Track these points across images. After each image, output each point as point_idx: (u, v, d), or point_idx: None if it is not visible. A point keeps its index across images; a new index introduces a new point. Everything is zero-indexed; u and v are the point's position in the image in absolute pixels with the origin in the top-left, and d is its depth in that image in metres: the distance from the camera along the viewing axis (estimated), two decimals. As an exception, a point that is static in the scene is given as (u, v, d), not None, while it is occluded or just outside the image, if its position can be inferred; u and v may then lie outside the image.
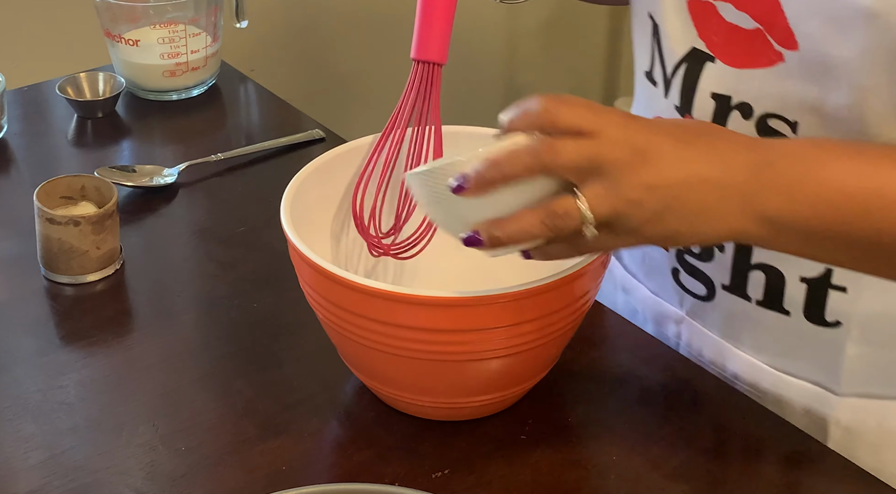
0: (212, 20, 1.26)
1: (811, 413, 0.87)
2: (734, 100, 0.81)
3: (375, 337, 0.76)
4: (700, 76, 0.83)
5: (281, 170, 1.14)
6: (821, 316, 0.84)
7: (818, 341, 0.85)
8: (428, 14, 0.84)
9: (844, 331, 0.84)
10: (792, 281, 0.84)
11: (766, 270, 0.84)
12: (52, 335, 0.93)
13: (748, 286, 0.86)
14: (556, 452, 0.82)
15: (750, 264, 0.85)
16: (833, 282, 0.82)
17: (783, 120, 0.79)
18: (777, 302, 0.85)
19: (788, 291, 0.84)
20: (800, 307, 0.84)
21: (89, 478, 0.79)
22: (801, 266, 0.83)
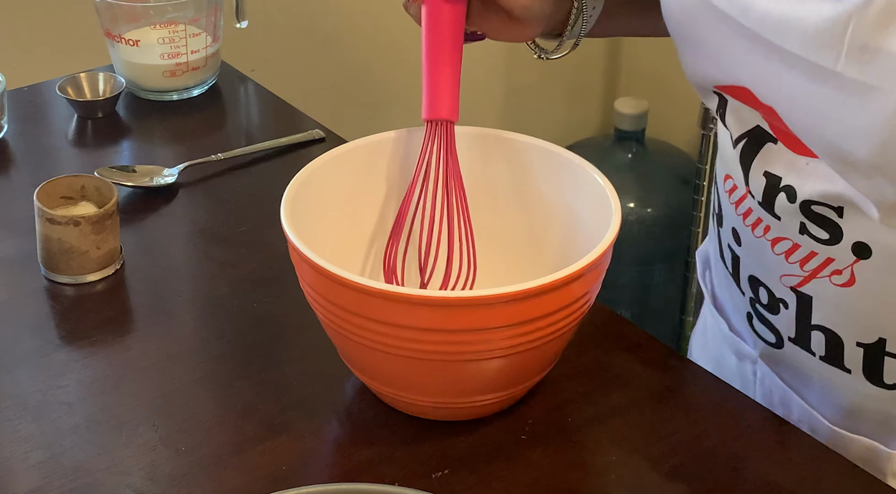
0: (212, 20, 1.26)
1: (867, 463, 0.87)
2: (783, 182, 0.82)
3: (375, 337, 0.76)
4: (758, 152, 0.84)
5: (281, 170, 1.14)
6: (880, 379, 0.84)
7: (878, 400, 0.85)
8: (435, 74, 0.84)
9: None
10: (849, 344, 0.84)
11: (825, 331, 0.85)
12: (52, 335, 0.93)
13: (811, 342, 0.87)
14: (556, 452, 0.82)
15: (811, 324, 0.86)
16: (888, 350, 0.83)
17: (828, 206, 0.80)
18: (838, 360, 0.86)
19: (847, 353, 0.85)
20: (859, 367, 0.85)
21: (89, 478, 0.79)
22: (857, 333, 0.83)
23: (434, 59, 0.85)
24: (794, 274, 0.84)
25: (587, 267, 0.76)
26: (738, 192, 0.87)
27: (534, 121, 2.11)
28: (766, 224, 0.85)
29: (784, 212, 0.83)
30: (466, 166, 0.91)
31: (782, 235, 0.84)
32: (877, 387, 0.85)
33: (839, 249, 0.80)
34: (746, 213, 0.87)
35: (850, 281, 0.81)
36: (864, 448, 0.87)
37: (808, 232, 0.82)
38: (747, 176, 0.85)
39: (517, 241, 0.91)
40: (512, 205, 0.91)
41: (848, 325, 0.83)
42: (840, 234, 0.80)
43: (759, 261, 0.87)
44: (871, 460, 0.87)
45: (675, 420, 0.85)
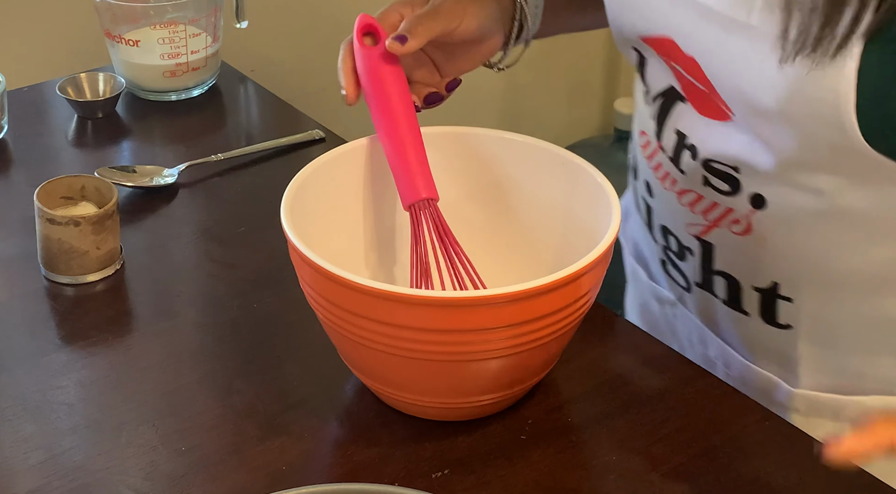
0: (212, 20, 1.26)
1: (773, 399, 0.93)
2: (688, 140, 0.89)
3: (375, 337, 0.76)
4: (671, 111, 0.90)
5: (281, 170, 1.14)
6: (774, 318, 0.91)
7: (775, 339, 0.92)
8: (402, 160, 0.85)
9: (795, 333, 0.90)
10: (746, 288, 0.91)
11: (725, 277, 0.92)
12: (52, 335, 0.93)
13: (714, 287, 0.93)
14: (556, 452, 0.82)
15: (713, 270, 0.92)
16: (780, 293, 0.89)
17: (724, 164, 0.86)
18: (738, 304, 0.92)
19: (745, 296, 0.91)
20: (756, 310, 0.91)
21: (89, 478, 0.79)
22: (753, 278, 0.90)
23: (394, 142, 0.85)
24: (697, 224, 0.91)
25: (587, 267, 0.76)
26: (650, 147, 0.94)
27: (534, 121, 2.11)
28: (673, 177, 0.91)
29: (688, 167, 0.89)
30: (466, 166, 0.91)
31: (687, 188, 0.90)
32: (773, 328, 0.91)
33: (738, 200, 0.87)
34: (657, 167, 0.93)
35: (746, 229, 0.87)
36: (770, 382, 0.94)
37: (710, 184, 0.88)
38: (661, 133, 0.91)
39: (517, 241, 0.91)
40: (512, 205, 0.91)
41: (745, 271, 0.90)
42: (739, 186, 0.86)
43: (669, 212, 0.93)
44: (775, 395, 0.94)
45: (676, 420, 0.85)
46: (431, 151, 0.88)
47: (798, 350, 0.91)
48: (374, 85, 0.87)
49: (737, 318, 0.93)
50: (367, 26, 0.88)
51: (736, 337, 0.95)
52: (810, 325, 0.89)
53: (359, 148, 0.89)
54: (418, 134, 0.86)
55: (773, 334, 0.92)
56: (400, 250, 0.92)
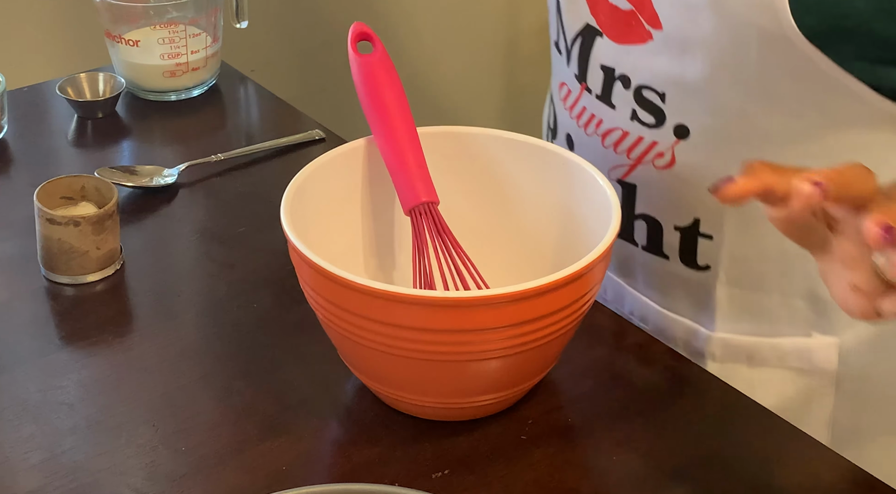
0: (212, 20, 1.26)
1: (690, 346, 0.96)
2: (617, 72, 0.91)
3: (375, 337, 0.76)
4: (592, 49, 0.92)
5: (281, 170, 1.14)
6: (693, 260, 0.93)
7: (693, 283, 0.94)
8: (401, 165, 0.85)
9: (714, 274, 0.93)
10: (668, 229, 0.93)
11: (647, 219, 0.94)
12: (52, 335, 0.93)
13: (635, 233, 0.96)
14: (556, 452, 0.82)
15: (634, 214, 0.95)
16: (701, 231, 0.91)
17: (654, 91, 0.89)
18: (658, 248, 0.95)
19: (666, 238, 0.94)
20: (676, 251, 0.94)
21: (89, 478, 0.79)
22: (674, 216, 0.92)
23: (392, 148, 0.86)
24: (621, 165, 0.93)
25: (587, 267, 0.76)
26: (572, 96, 0.97)
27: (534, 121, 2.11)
28: (599, 118, 0.94)
29: (620, 100, 0.91)
30: (467, 166, 0.91)
31: (613, 126, 0.92)
32: (692, 270, 0.94)
33: (662, 132, 0.89)
34: (581, 113, 0.96)
35: (670, 162, 0.90)
36: (686, 329, 0.97)
37: (637, 117, 0.90)
38: (585, 73, 0.94)
39: (517, 241, 0.91)
40: (511, 206, 0.91)
41: (667, 210, 0.93)
42: (663, 117, 0.89)
43: (590, 160, 0.93)
44: (693, 344, 0.96)
45: (676, 420, 0.85)
46: (430, 152, 0.88)
47: (716, 292, 0.93)
48: (370, 92, 0.87)
49: (656, 265, 0.95)
50: (360, 34, 0.88)
51: (653, 287, 0.98)
52: (729, 265, 0.92)
53: (359, 148, 0.89)
54: (416, 138, 0.86)
55: (691, 277, 0.94)
56: (400, 250, 0.92)
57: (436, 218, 0.85)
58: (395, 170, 0.85)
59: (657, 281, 0.97)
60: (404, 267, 0.92)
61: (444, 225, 0.85)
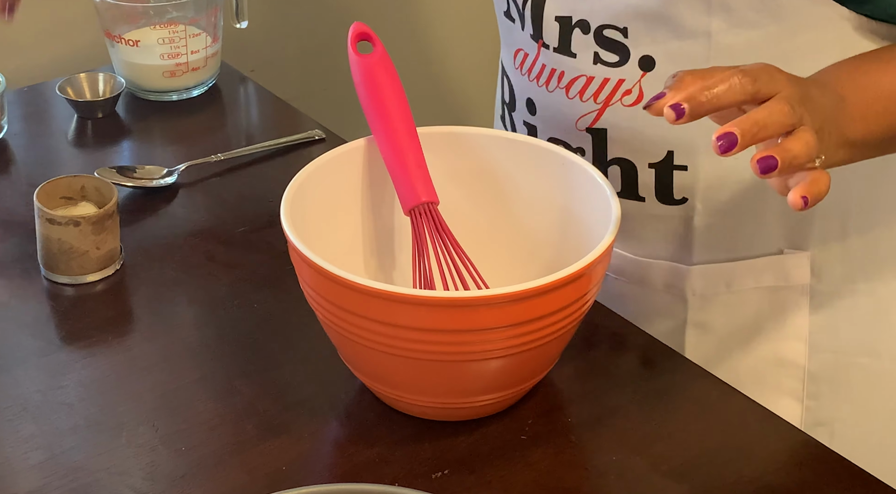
0: (212, 20, 1.26)
1: (670, 286, 0.98)
2: (574, 20, 0.92)
3: (375, 338, 0.76)
4: (545, 4, 0.93)
5: (281, 170, 1.14)
6: (670, 195, 0.94)
7: (671, 220, 0.96)
8: (401, 165, 0.86)
9: (691, 206, 0.94)
10: (642, 168, 0.94)
11: (620, 163, 0.94)
12: (52, 335, 0.93)
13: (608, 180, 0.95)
14: (556, 452, 0.82)
15: (607, 161, 0.95)
16: (675, 163, 0.92)
17: (615, 28, 0.90)
18: (633, 191, 0.95)
19: (640, 178, 0.94)
20: (651, 191, 0.95)
21: (89, 478, 0.79)
22: (647, 154, 0.93)
23: (392, 148, 0.86)
24: (589, 112, 0.94)
25: (587, 267, 0.76)
26: (529, 58, 0.97)
27: (534, 121, 2.11)
28: (560, 71, 0.94)
29: (580, 46, 0.92)
30: (466, 167, 0.91)
31: (577, 74, 0.93)
32: (668, 205, 0.95)
33: (627, 68, 0.91)
34: (539, 73, 0.96)
35: (639, 97, 0.91)
36: (665, 270, 0.98)
37: (601, 60, 0.91)
38: (541, 30, 0.94)
39: (517, 241, 0.91)
40: (511, 206, 0.91)
41: (639, 148, 0.93)
42: (627, 53, 0.90)
43: (556, 117, 0.96)
44: (673, 283, 0.98)
45: (675, 420, 0.85)
46: (430, 152, 0.88)
47: (694, 224, 0.95)
48: (370, 92, 0.87)
49: (632, 210, 0.95)
50: (360, 34, 0.88)
51: (629, 235, 0.98)
52: (705, 193, 0.93)
53: (359, 148, 0.89)
54: (416, 139, 0.86)
55: (669, 214, 0.95)
56: (400, 249, 0.92)
57: (435, 218, 0.85)
58: (395, 170, 0.86)
59: (633, 227, 0.97)
60: (404, 267, 0.92)
61: (444, 225, 0.85)
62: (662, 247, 0.98)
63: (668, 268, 0.98)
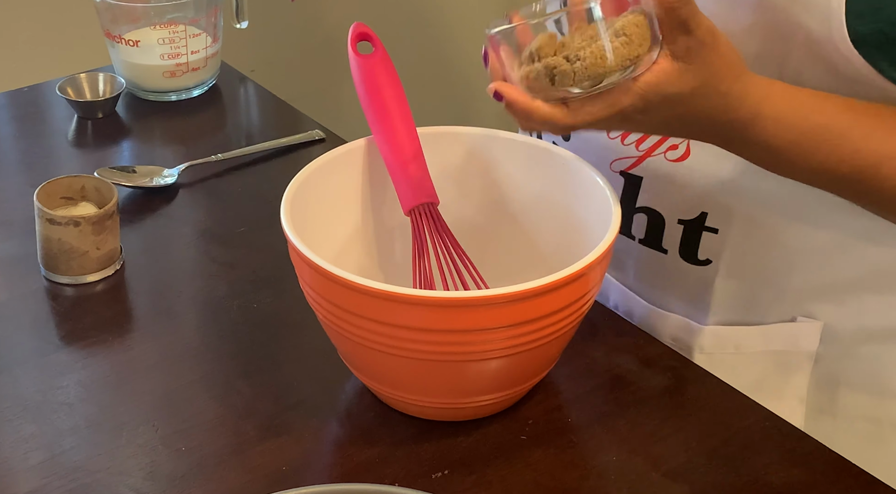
0: (212, 21, 1.26)
1: (678, 341, 0.96)
2: None
3: (375, 338, 0.76)
4: None
5: (281, 170, 1.14)
6: (694, 254, 0.92)
7: (690, 277, 0.94)
8: (401, 165, 0.85)
9: (714, 268, 0.92)
10: (671, 222, 0.92)
11: (648, 213, 0.92)
12: (52, 335, 0.93)
13: (633, 226, 0.94)
14: (556, 452, 0.82)
15: (635, 207, 0.93)
16: (706, 224, 0.91)
17: None
18: (657, 242, 0.94)
19: (667, 232, 0.93)
20: (676, 246, 0.93)
21: (89, 478, 0.79)
22: (680, 210, 0.91)
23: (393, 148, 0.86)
24: (627, 157, 0.91)
25: (587, 268, 0.76)
26: None
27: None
28: None
29: None
30: (465, 167, 0.91)
31: None
32: (690, 264, 0.93)
33: None
34: None
35: (684, 154, 0.88)
36: (677, 325, 0.96)
37: None
38: None
39: (517, 241, 0.91)
40: (512, 205, 0.91)
41: (672, 203, 0.91)
42: None
43: (590, 152, 0.92)
44: (682, 338, 0.96)
45: (675, 420, 0.85)
46: (430, 152, 0.88)
47: (714, 286, 0.93)
48: (370, 92, 0.87)
49: (652, 259, 0.94)
50: (360, 35, 0.88)
51: (645, 282, 0.97)
52: (731, 258, 0.91)
53: (359, 148, 0.89)
54: (416, 139, 0.86)
55: (689, 272, 0.93)
56: (400, 249, 0.92)
57: (435, 218, 0.85)
58: (395, 170, 0.85)
59: (650, 276, 0.96)
60: (404, 268, 0.92)
61: (444, 225, 0.85)
62: (677, 302, 0.96)
63: (679, 323, 0.96)
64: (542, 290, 0.74)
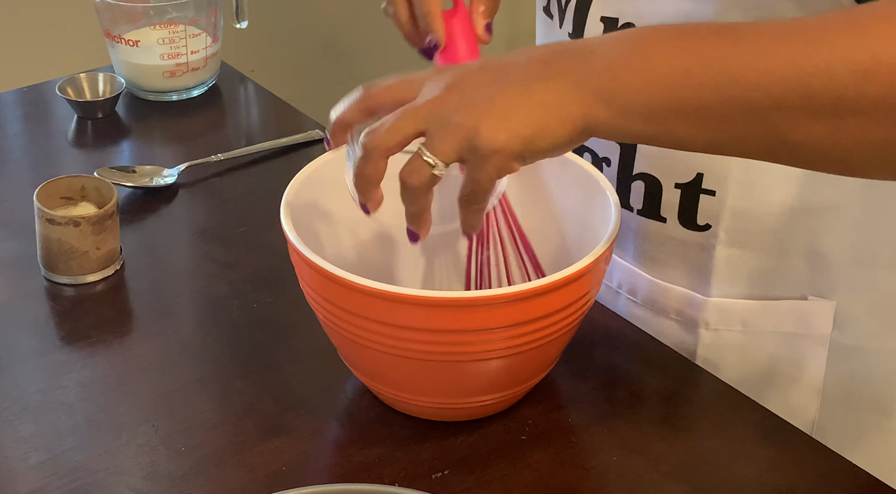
0: (212, 20, 1.26)
1: (683, 315, 0.94)
2: (620, 22, 0.88)
3: (375, 338, 0.76)
4: (591, 3, 0.90)
5: (281, 170, 1.14)
6: (693, 220, 0.90)
7: (691, 245, 0.92)
8: None
9: (713, 234, 0.90)
10: (668, 187, 0.90)
11: (645, 179, 0.91)
12: (52, 335, 0.93)
13: (631, 196, 0.93)
14: (556, 452, 0.82)
15: (632, 175, 0.91)
16: (703, 187, 0.89)
17: None
18: (655, 210, 0.92)
19: (665, 198, 0.91)
20: (674, 212, 0.91)
21: (89, 478, 0.79)
22: (675, 173, 0.90)
23: None
24: None
25: (587, 268, 0.76)
26: None
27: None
28: None
29: None
30: (466, 166, 0.91)
31: None
32: (690, 230, 0.91)
33: None
34: None
35: None
36: (681, 298, 0.94)
37: None
38: (582, 29, 0.91)
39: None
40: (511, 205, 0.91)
41: (668, 166, 0.89)
42: None
43: None
44: (687, 312, 0.94)
45: (675, 420, 0.85)
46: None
47: (715, 253, 0.91)
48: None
49: (651, 229, 0.93)
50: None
51: (646, 255, 0.95)
52: (730, 222, 0.89)
53: (359, 148, 0.89)
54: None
55: (689, 239, 0.91)
56: (400, 249, 0.92)
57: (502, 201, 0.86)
58: None
59: (651, 248, 0.94)
60: (404, 267, 0.92)
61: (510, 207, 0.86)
62: (680, 274, 0.94)
63: (683, 296, 0.94)
64: (542, 290, 0.74)
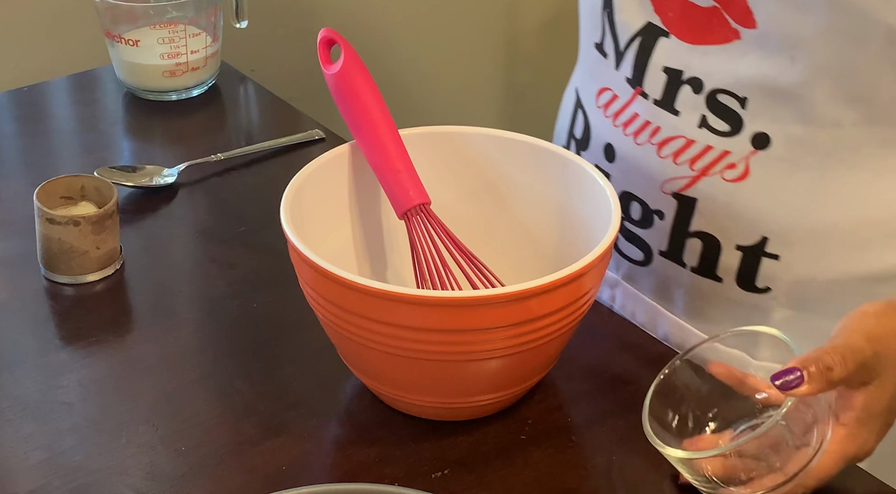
0: (212, 20, 1.26)
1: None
2: (685, 75, 0.84)
3: (375, 337, 0.76)
4: (653, 50, 0.85)
5: (281, 170, 1.14)
6: (752, 282, 0.87)
7: (746, 307, 0.88)
8: (389, 169, 0.84)
9: (773, 297, 0.87)
10: (728, 248, 0.87)
11: (703, 238, 0.87)
12: (52, 335, 0.93)
13: (684, 253, 0.89)
14: (556, 452, 0.82)
15: (688, 232, 0.88)
16: (767, 250, 0.85)
17: (733, 96, 0.82)
18: (711, 270, 0.88)
19: (723, 259, 0.87)
20: (732, 274, 0.87)
21: (89, 478, 0.79)
22: (737, 235, 0.86)
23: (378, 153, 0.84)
24: (681, 177, 0.86)
25: (587, 268, 0.76)
26: (618, 102, 0.89)
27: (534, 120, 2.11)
28: (655, 126, 0.86)
29: (686, 106, 0.84)
30: (464, 167, 0.91)
31: (675, 134, 0.85)
32: (748, 293, 0.87)
33: (737, 141, 0.82)
34: (629, 121, 0.88)
35: (743, 174, 0.83)
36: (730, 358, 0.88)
37: (707, 125, 0.83)
38: (642, 77, 0.86)
39: (517, 241, 0.91)
40: (511, 205, 0.91)
41: (730, 227, 0.86)
42: (741, 125, 0.82)
43: (639, 172, 0.88)
44: None
45: (675, 420, 0.85)
46: (429, 152, 0.88)
47: (772, 316, 0.88)
48: (347, 98, 0.85)
49: (704, 288, 0.89)
50: (328, 41, 0.87)
51: (696, 312, 0.91)
52: (791, 286, 0.86)
53: (359, 148, 0.89)
54: (400, 141, 0.85)
55: (746, 300, 0.88)
56: (400, 249, 0.92)
57: (431, 218, 0.84)
58: (384, 175, 0.84)
59: (703, 305, 0.91)
60: (404, 267, 0.92)
61: (441, 223, 0.84)
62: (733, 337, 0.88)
63: (733, 357, 0.88)
64: (542, 290, 0.74)
